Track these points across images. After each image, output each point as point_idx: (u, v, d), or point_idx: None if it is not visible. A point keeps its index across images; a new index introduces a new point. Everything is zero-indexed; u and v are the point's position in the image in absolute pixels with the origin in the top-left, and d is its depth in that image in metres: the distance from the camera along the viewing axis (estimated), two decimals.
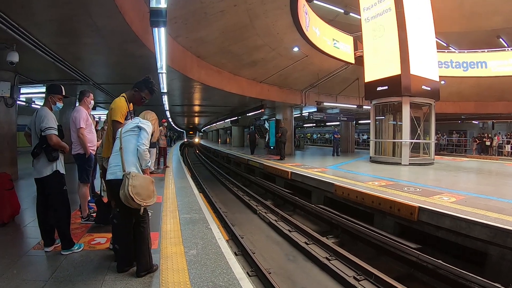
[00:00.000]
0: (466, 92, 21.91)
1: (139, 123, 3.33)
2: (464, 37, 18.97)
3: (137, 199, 3.06)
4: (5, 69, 9.00)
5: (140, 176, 3.19)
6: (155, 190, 3.29)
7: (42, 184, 3.88)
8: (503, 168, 14.14)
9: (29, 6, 5.86)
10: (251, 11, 10.49)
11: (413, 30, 13.75)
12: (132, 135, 3.30)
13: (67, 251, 3.84)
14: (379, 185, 8.52)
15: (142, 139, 3.24)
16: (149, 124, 3.37)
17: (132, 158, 3.26)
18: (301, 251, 6.59)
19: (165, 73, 9.55)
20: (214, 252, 4.00)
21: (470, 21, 17.54)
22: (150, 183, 3.23)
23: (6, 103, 9.25)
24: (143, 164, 3.29)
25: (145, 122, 3.38)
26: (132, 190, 3.04)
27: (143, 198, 3.11)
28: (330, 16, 15.90)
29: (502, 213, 5.53)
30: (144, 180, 3.18)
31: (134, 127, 3.32)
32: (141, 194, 3.10)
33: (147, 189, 3.16)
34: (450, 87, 19.50)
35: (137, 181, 3.11)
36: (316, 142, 58.58)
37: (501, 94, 21.57)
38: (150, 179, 3.28)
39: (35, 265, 3.58)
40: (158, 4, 4.63)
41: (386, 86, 14.07)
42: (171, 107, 21.75)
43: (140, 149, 3.22)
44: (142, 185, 3.13)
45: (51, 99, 4.04)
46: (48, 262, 3.68)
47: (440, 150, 27.72)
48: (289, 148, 20.47)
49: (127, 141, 3.30)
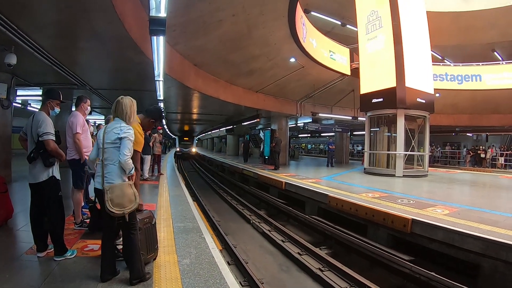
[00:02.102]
0: (460, 105, 22.13)
1: (120, 134, 3.26)
2: (460, 51, 19.26)
3: (118, 210, 3.12)
4: (2, 71, 8.95)
5: (115, 186, 3.19)
6: (135, 191, 3.29)
7: (37, 189, 3.85)
8: (496, 181, 14.26)
9: (30, 9, 5.90)
10: (250, 21, 10.58)
11: (409, 43, 13.89)
12: (115, 148, 3.27)
13: (60, 257, 3.81)
14: (372, 196, 8.53)
15: (124, 150, 3.20)
16: (130, 131, 3.31)
17: (117, 170, 3.26)
18: (294, 261, 6.58)
19: (162, 80, 9.57)
20: (208, 262, 3.98)
21: (466, 35, 17.83)
22: (126, 188, 3.24)
23: (2, 104, 9.20)
24: (126, 172, 3.27)
25: (125, 130, 3.29)
26: (110, 204, 3.11)
27: (124, 206, 3.15)
28: (327, 27, 16.06)
29: (495, 226, 5.57)
30: (120, 189, 3.19)
31: (116, 140, 3.26)
32: (121, 203, 3.14)
33: (124, 196, 3.18)
34: (444, 100, 19.68)
35: (113, 193, 3.15)
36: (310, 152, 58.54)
37: (495, 107, 21.80)
38: (126, 183, 3.27)
39: (27, 270, 3.55)
40: (158, 13, 4.65)
41: (381, 98, 14.16)
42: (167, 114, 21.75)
43: (122, 160, 3.19)
44: (118, 194, 3.16)
45: (50, 104, 4.03)
46: (41, 267, 3.65)
47: (434, 162, 27.85)
48: (283, 158, 20.47)
49: (110, 153, 3.28)
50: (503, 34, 17.42)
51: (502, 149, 26.39)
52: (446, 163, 29.28)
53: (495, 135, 29.18)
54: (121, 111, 3.40)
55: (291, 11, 10.73)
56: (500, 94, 19.18)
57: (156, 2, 4.51)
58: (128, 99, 3.49)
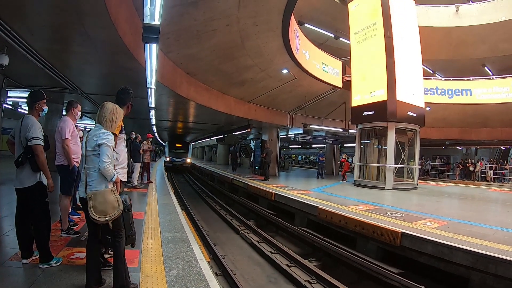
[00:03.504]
0: (450, 119, 22.40)
1: (98, 141, 3.20)
2: (450, 65, 19.61)
3: (100, 217, 3.07)
4: None
5: (98, 193, 3.14)
6: (117, 197, 3.21)
7: (23, 194, 3.77)
8: (485, 194, 14.42)
9: (24, 11, 5.88)
10: (243, 32, 10.62)
11: (401, 57, 14.09)
12: (95, 155, 3.20)
13: (45, 264, 3.71)
14: (362, 209, 8.53)
15: (103, 157, 3.13)
16: (109, 137, 3.23)
17: (99, 177, 3.20)
18: (282, 273, 6.52)
19: (154, 88, 9.52)
20: (195, 273, 3.91)
21: (457, 50, 18.18)
22: (108, 194, 3.17)
23: None
24: (108, 179, 3.20)
25: (104, 136, 3.22)
26: (93, 211, 3.06)
27: (107, 213, 3.09)
28: (320, 40, 16.24)
29: (484, 239, 5.60)
30: (102, 195, 3.13)
31: (95, 147, 3.20)
32: (104, 210, 3.08)
33: (107, 202, 3.12)
34: (435, 113, 19.93)
35: (95, 200, 3.10)
36: (301, 163, 58.54)
37: (485, 121, 22.12)
38: (109, 190, 3.20)
39: (11, 277, 3.46)
40: (152, 21, 4.63)
41: (372, 111, 14.29)
42: (157, 122, 21.63)
43: (101, 167, 3.12)
44: (101, 201, 3.10)
45: (38, 107, 3.97)
46: (25, 274, 3.55)
47: (424, 175, 28.08)
48: (273, 169, 20.45)
49: (92, 162, 3.22)
50: (493, 49, 17.79)
51: (491, 162, 26.78)
52: (435, 176, 29.56)
53: (484, 149, 29.60)
54: (101, 116, 3.34)
55: (285, 23, 10.78)
56: (489, 108, 19.49)
57: (150, 10, 4.49)
58: (111, 104, 3.44)
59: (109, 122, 3.34)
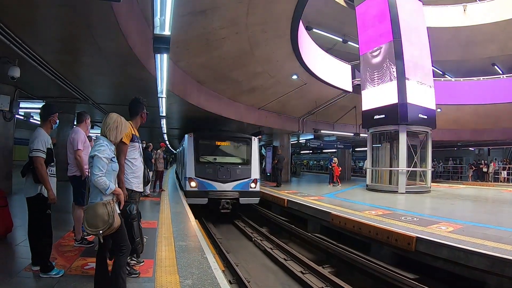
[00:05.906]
0: (462, 120, 22.07)
1: (91, 153, 3.20)
2: (460, 65, 19.43)
3: (92, 231, 3.06)
4: (6, 83, 9.05)
5: (90, 207, 3.12)
6: (108, 211, 3.07)
7: (28, 204, 3.87)
8: (499, 195, 14.23)
9: (35, 24, 5.98)
10: (252, 39, 10.66)
11: (410, 59, 13.98)
12: (91, 167, 3.18)
13: (45, 274, 3.73)
14: (376, 214, 8.44)
15: (93, 169, 3.09)
16: (101, 148, 3.16)
17: (95, 190, 3.17)
18: (296, 280, 6.48)
19: (165, 97, 9.60)
20: (210, 283, 3.89)
21: (466, 50, 18.03)
22: (99, 207, 3.07)
23: (4, 116, 9.27)
24: (103, 192, 3.14)
25: (96, 148, 3.19)
26: (86, 225, 3.08)
27: (97, 227, 3.03)
28: (329, 44, 16.25)
29: (500, 242, 5.50)
30: (93, 209, 3.08)
31: (90, 158, 3.19)
32: (94, 224, 3.04)
33: (97, 216, 3.04)
34: (446, 115, 19.67)
35: (87, 214, 3.10)
36: (312, 168, 58.23)
37: (497, 121, 21.75)
38: (100, 203, 3.11)
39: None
40: (162, 31, 4.66)
41: (383, 115, 14.20)
42: (168, 130, 21.72)
43: (92, 180, 3.08)
44: (92, 214, 3.06)
45: (52, 120, 4.04)
46: (39, 285, 3.58)
47: (436, 177, 27.74)
48: (285, 175, 20.39)
49: (91, 174, 3.19)
50: (503, 48, 17.60)
51: (504, 162, 26.35)
52: (448, 178, 29.19)
53: (497, 149, 29.15)
54: (105, 126, 3.33)
55: (294, 29, 10.80)
56: (501, 108, 19.13)
57: (160, 21, 4.53)
58: (115, 115, 3.42)
59: (113, 131, 3.32)
